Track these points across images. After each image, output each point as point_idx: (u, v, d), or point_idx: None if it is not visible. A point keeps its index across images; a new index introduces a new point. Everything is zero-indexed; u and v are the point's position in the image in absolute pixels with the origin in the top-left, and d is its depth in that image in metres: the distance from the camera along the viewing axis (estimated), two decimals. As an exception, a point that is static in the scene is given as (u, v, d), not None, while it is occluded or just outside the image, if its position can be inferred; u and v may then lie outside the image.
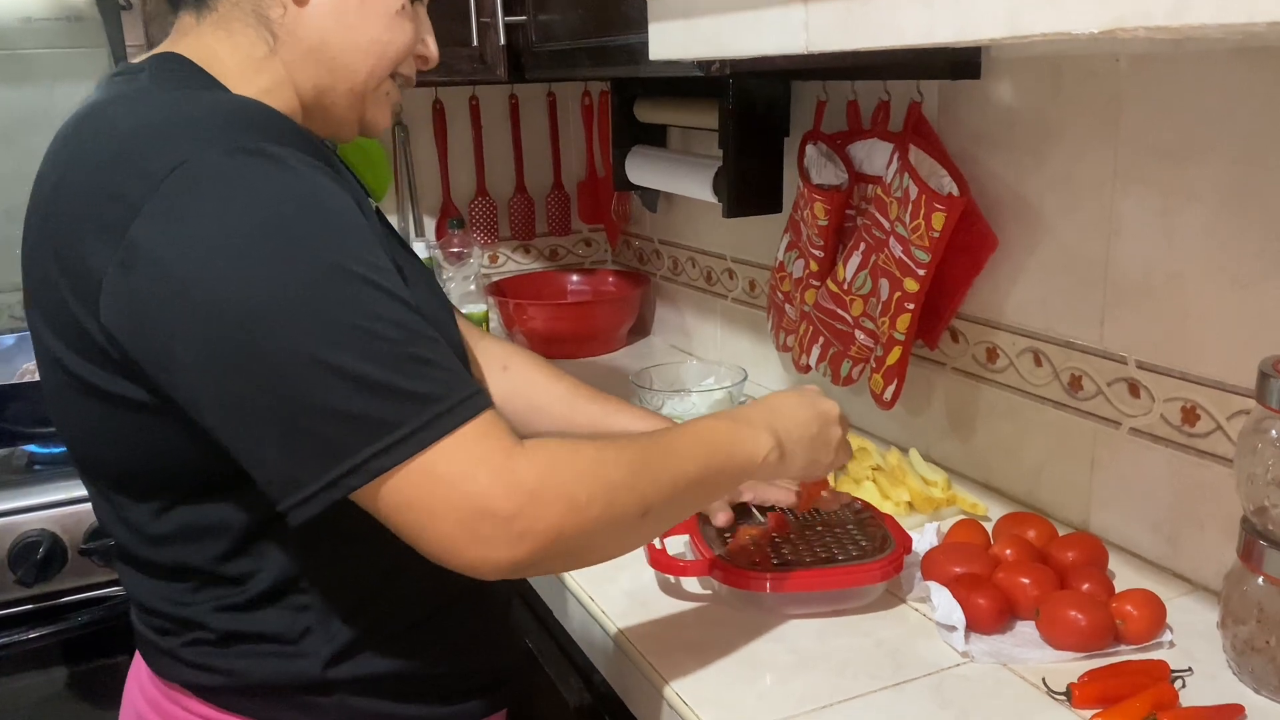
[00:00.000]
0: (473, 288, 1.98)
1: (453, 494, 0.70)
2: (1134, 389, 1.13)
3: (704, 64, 1.11)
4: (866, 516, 1.13)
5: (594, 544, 0.78)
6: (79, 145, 0.77)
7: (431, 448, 0.69)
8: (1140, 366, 1.12)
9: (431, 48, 0.92)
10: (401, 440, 0.68)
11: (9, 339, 1.75)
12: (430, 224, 2.15)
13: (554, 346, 2.01)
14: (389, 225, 0.96)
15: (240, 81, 0.82)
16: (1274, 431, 0.86)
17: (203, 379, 0.69)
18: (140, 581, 0.86)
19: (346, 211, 0.73)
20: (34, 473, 1.48)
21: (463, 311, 1.93)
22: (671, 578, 1.11)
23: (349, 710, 0.84)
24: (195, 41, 0.84)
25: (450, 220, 2.04)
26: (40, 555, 1.37)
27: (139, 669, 0.92)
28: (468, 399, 0.72)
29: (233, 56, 0.83)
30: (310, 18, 0.83)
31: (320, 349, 0.67)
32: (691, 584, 1.11)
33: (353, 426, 0.68)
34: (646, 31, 1.07)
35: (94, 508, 0.88)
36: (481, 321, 1.97)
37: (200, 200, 0.69)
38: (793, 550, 1.06)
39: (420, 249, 2.01)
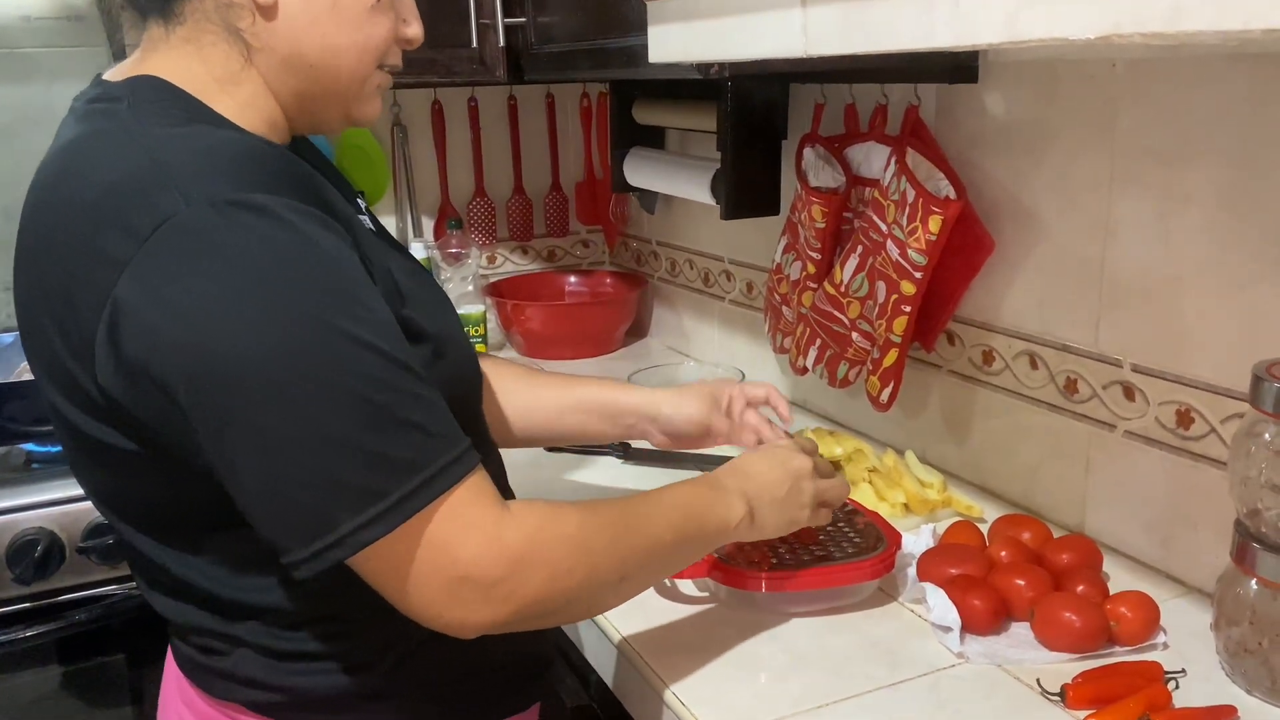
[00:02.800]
0: (470, 288, 1.99)
1: (439, 560, 0.70)
2: (1129, 392, 1.14)
3: (703, 67, 1.11)
4: (858, 516, 1.13)
5: (571, 608, 0.80)
6: (61, 189, 0.74)
7: (417, 515, 0.69)
8: (1135, 370, 1.13)
9: (414, 28, 0.87)
10: (388, 510, 0.68)
11: (7, 337, 1.75)
12: (428, 224, 2.16)
13: (551, 347, 2.01)
14: (384, 230, 0.95)
15: (220, 95, 0.79)
16: (1267, 435, 0.87)
17: (196, 438, 0.69)
18: (179, 611, 0.84)
19: (338, 262, 0.71)
20: (32, 471, 1.48)
21: (460, 312, 1.95)
22: (668, 580, 1.12)
23: (409, 713, 0.84)
24: (168, 57, 0.80)
25: (448, 221, 2.05)
26: (38, 553, 1.36)
27: (180, 683, 0.89)
28: (455, 461, 0.71)
29: (208, 71, 0.79)
30: (281, 28, 0.79)
31: (307, 416, 0.67)
32: (688, 585, 1.11)
33: (338, 496, 0.68)
34: (645, 34, 1.08)
35: (126, 551, 0.86)
36: (479, 322, 1.97)
37: (185, 260, 0.67)
38: (789, 550, 1.06)
39: (418, 249, 2.01)
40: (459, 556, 0.71)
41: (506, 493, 0.93)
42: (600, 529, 0.80)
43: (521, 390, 1.15)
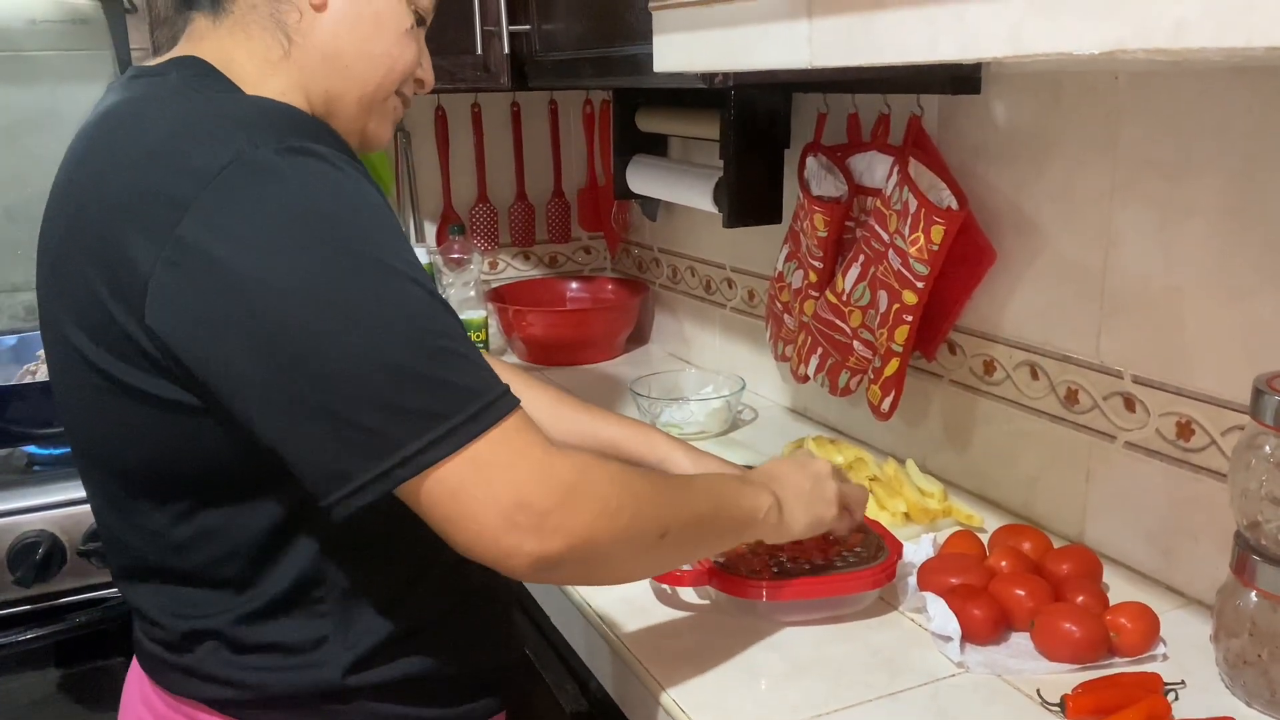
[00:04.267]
0: (472, 294, 1.99)
1: (495, 484, 0.72)
2: (1129, 403, 1.14)
3: (707, 76, 1.12)
4: (860, 525, 1.13)
5: (615, 555, 0.80)
6: (113, 143, 0.76)
7: (478, 439, 0.71)
8: (1136, 381, 1.13)
9: (429, 73, 0.95)
10: (450, 432, 0.70)
11: (9, 340, 1.75)
12: (431, 230, 2.16)
13: (553, 353, 2.02)
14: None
15: (256, 84, 0.83)
16: (1268, 447, 0.87)
17: (254, 374, 0.70)
18: (153, 595, 0.85)
19: (387, 211, 0.75)
20: (34, 473, 1.48)
21: (462, 317, 1.95)
22: (668, 586, 1.12)
23: (367, 715, 0.84)
24: (213, 45, 0.84)
25: (451, 226, 2.05)
26: (39, 556, 1.37)
27: (141, 685, 0.90)
28: (504, 395, 0.74)
29: (250, 59, 0.84)
30: (326, 25, 0.84)
31: (373, 344, 0.69)
32: (688, 591, 1.11)
33: (403, 419, 0.69)
34: (650, 43, 1.08)
35: (100, 520, 0.87)
36: (481, 328, 1.97)
37: (254, 197, 0.69)
38: (790, 558, 1.07)
39: (421, 254, 2.02)
40: (513, 480, 0.72)
41: None
42: (642, 480, 0.83)
43: (543, 415, 1.12)
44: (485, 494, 0.71)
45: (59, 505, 1.40)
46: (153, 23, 1.67)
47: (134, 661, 0.93)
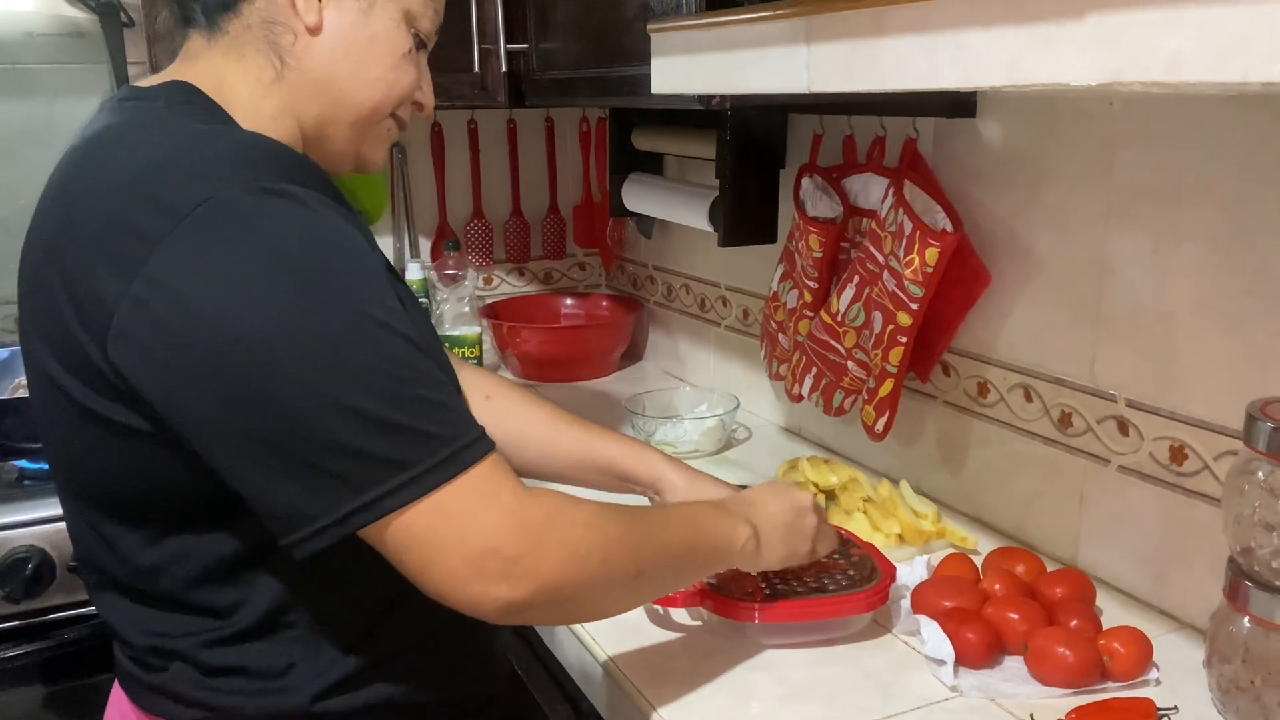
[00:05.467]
0: (467, 310, 1.99)
1: (462, 531, 0.71)
2: (1123, 427, 1.14)
3: (704, 98, 1.12)
4: (853, 547, 1.13)
5: (588, 597, 0.80)
6: (94, 171, 0.76)
7: (443, 487, 0.71)
8: (1130, 405, 1.13)
9: (429, 96, 0.94)
10: (414, 479, 0.70)
11: (2, 353, 1.75)
12: (426, 245, 2.16)
13: (547, 370, 2.02)
14: (385, 260, 0.98)
15: (248, 108, 0.83)
16: (1261, 474, 0.87)
17: (215, 414, 0.70)
18: (125, 613, 0.84)
19: (362, 253, 0.74)
20: (24, 488, 1.48)
21: (456, 333, 1.95)
22: (660, 608, 1.11)
23: None
24: (206, 66, 0.84)
25: (446, 242, 2.05)
26: (29, 571, 1.36)
27: (121, 704, 0.90)
28: (477, 440, 0.73)
29: (242, 81, 0.84)
30: (320, 48, 0.84)
31: (338, 389, 0.68)
32: (681, 612, 1.11)
33: (366, 464, 0.69)
34: (648, 63, 1.08)
35: (74, 537, 0.87)
36: (475, 344, 1.97)
37: (223, 238, 0.69)
38: (782, 581, 1.06)
39: (415, 270, 2.02)
40: (481, 528, 0.72)
41: None
42: (616, 520, 0.82)
43: (540, 431, 1.13)
44: (451, 541, 0.71)
45: (49, 520, 1.39)
46: (150, 38, 1.67)
47: (116, 683, 0.92)
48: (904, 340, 1.30)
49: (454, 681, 0.91)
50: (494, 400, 1.13)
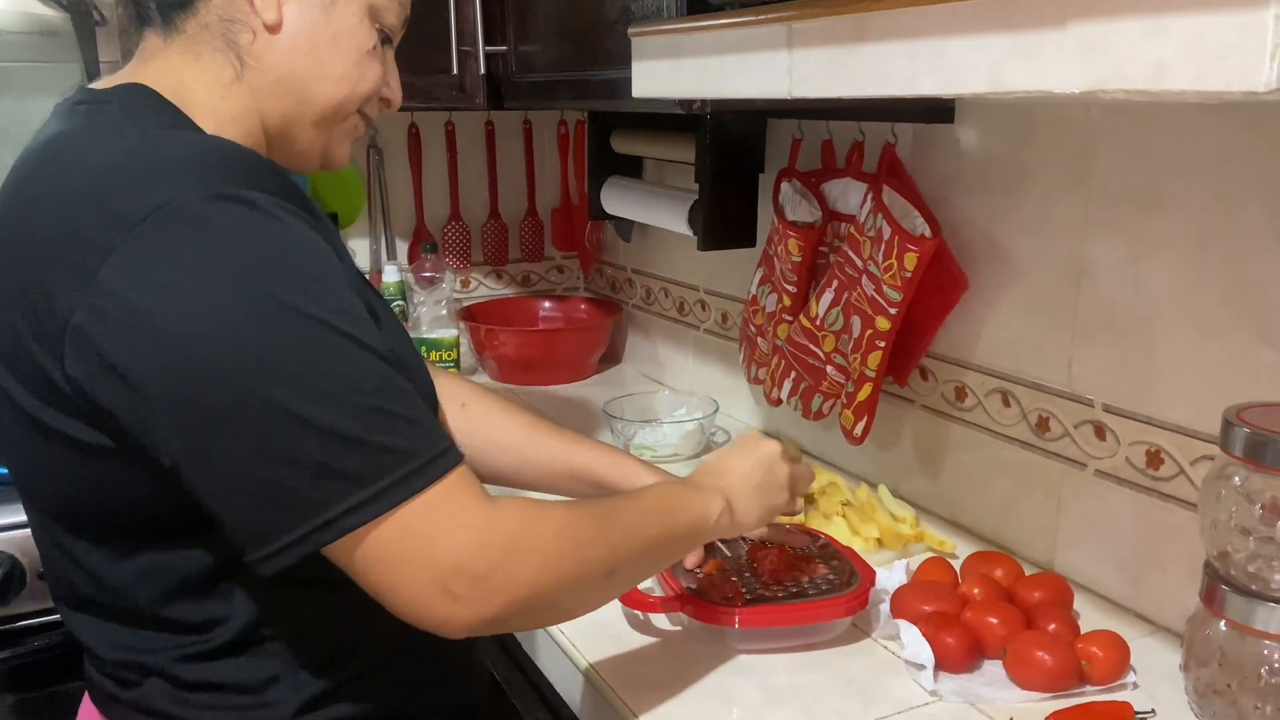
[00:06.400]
0: (444, 312, 1.98)
1: (427, 550, 0.70)
2: (1100, 431, 1.15)
3: (685, 102, 1.12)
4: (832, 551, 1.14)
5: (562, 601, 0.79)
6: (44, 180, 0.74)
7: (406, 504, 0.69)
8: (1107, 410, 1.14)
9: (396, 92, 0.91)
10: (375, 496, 0.68)
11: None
12: (403, 247, 2.15)
13: (525, 373, 2.01)
14: (354, 266, 0.95)
15: (207, 109, 0.81)
16: (1237, 478, 0.88)
17: (173, 427, 0.68)
18: (96, 629, 0.82)
19: (325, 260, 0.72)
20: (-7, 493, 1.45)
21: (433, 336, 1.94)
22: (640, 613, 1.11)
23: None
24: (163, 66, 0.82)
25: (423, 244, 2.04)
26: (-2, 578, 1.34)
27: (91, 716, 0.88)
28: (441, 454, 0.71)
29: (200, 82, 0.81)
30: (280, 47, 0.81)
31: (297, 402, 0.66)
32: (661, 618, 1.11)
33: (327, 480, 0.67)
34: (628, 67, 1.08)
35: (44, 555, 0.84)
36: (453, 347, 1.96)
37: (178, 245, 0.67)
38: (762, 585, 1.06)
39: (392, 272, 2.01)
40: (448, 546, 0.70)
41: None
42: (586, 520, 0.80)
43: (517, 439, 1.11)
44: (416, 560, 0.69)
45: (18, 527, 1.37)
46: (120, 29, 1.65)
47: (85, 698, 0.90)
48: (882, 345, 1.30)
49: (434, 691, 0.89)
50: (470, 408, 1.12)
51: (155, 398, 0.67)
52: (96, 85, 0.83)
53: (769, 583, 1.07)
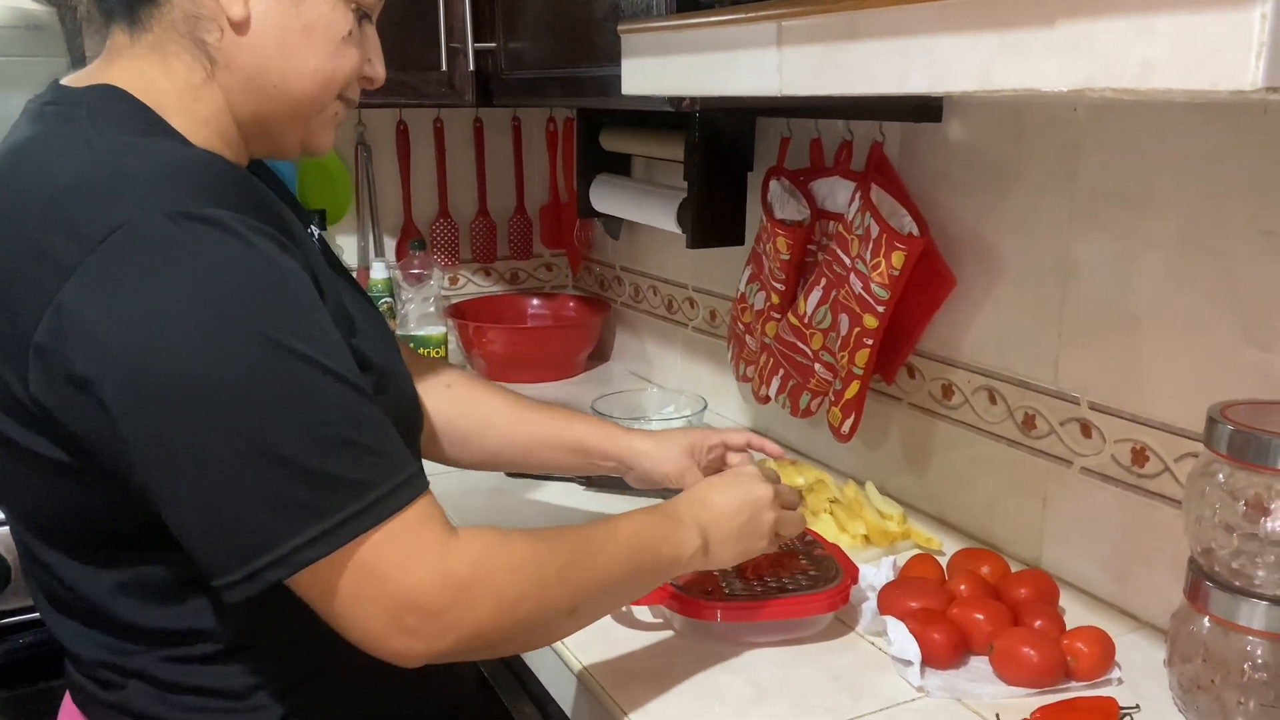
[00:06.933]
0: (432, 309, 1.97)
1: (383, 586, 0.69)
2: (1086, 429, 1.16)
3: (675, 99, 1.12)
4: (816, 548, 1.14)
5: (516, 638, 0.79)
6: (10, 192, 0.72)
7: (362, 538, 0.68)
8: (1092, 407, 1.15)
9: (378, 69, 0.87)
10: (330, 530, 0.67)
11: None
12: (391, 244, 2.14)
13: (513, 370, 2.01)
14: (338, 262, 0.94)
15: (180, 111, 0.78)
16: (1221, 476, 0.89)
17: (133, 454, 0.67)
18: (77, 632, 0.81)
19: (292, 282, 0.70)
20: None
21: (421, 333, 1.93)
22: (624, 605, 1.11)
23: None
24: (130, 66, 0.79)
25: (411, 241, 2.04)
26: (-19, 575, 1.33)
27: (72, 715, 0.87)
28: (403, 484, 0.71)
29: (170, 83, 0.79)
30: (250, 45, 0.79)
31: (255, 432, 0.66)
32: (644, 612, 1.11)
33: (282, 514, 0.66)
34: (618, 64, 1.08)
35: (21, 560, 0.83)
36: (441, 344, 1.96)
37: (138, 268, 0.65)
38: (744, 580, 1.07)
39: (380, 269, 2.00)
40: (403, 583, 0.70)
41: None
42: (550, 558, 0.79)
43: (505, 417, 1.11)
44: (371, 595, 0.69)
45: (2, 524, 1.36)
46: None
47: (66, 697, 0.89)
48: (870, 342, 1.30)
49: (423, 690, 0.89)
50: (455, 388, 1.12)
51: (113, 422, 0.66)
52: (68, 82, 0.80)
53: (751, 578, 1.07)
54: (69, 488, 0.73)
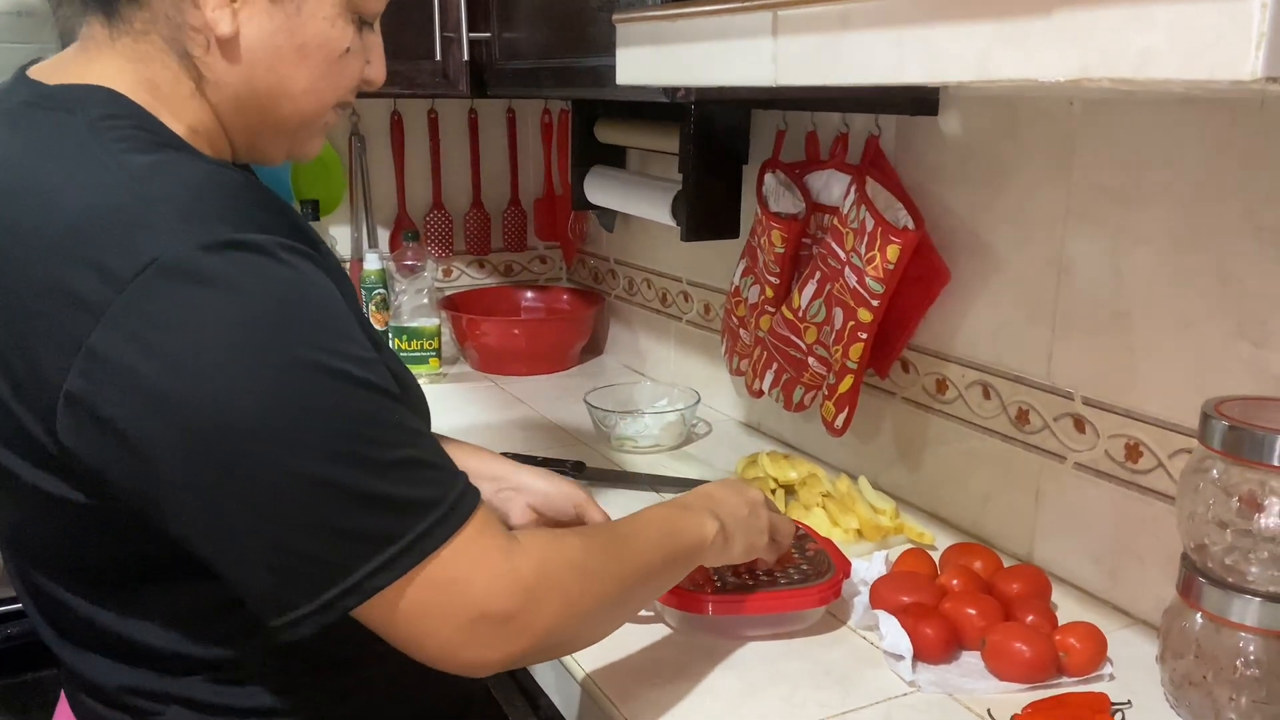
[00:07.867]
0: (425, 301, 1.97)
1: (453, 600, 0.68)
2: (1079, 424, 1.15)
3: (669, 90, 1.12)
4: (809, 542, 1.14)
5: (581, 634, 0.79)
6: (15, 217, 0.66)
7: (432, 556, 0.67)
8: (1086, 403, 1.14)
9: (377, 71, 0.83)
10: (400, 554, 0.66)
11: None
12: (384, 236, 2.14)
13: (506, 363, 2.00)
14: (350, 288, 0.93)
15: (168, 116, 0.74)
16: (1215, 471, 0.88)
17: (184, 498, 0.64)
18: (102, 666, 0.77)
19: (332, 303, 0.68)
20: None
21: (414, 325, 1.93)
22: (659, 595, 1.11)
23: None
24: (114, 65, 0.73)
25: (405, 232, 2.03)
26: (-31, 564, 1.32)
27: None
28: (462, 497, 0.70)
29: (159, 90, 0.74)
30: (239, 62, 0.74)
31: (314, 463, 0.63)
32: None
33: (349, 543, 0.65)
34: (612, 54, 1.07)
35: (30, 605, 0.80)
36: (434, 336, 1.95)
37: (174, 305, 0.62)
38: (735, 574, 1.06)
39: (373, 260, 2.00)
40: (473, 594, 0.69)
41: None
42: (598, 552, 0.79)
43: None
44: (443, 611, 0.68)
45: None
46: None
47: (62, 699, 0.86)
48: (864, 336, 1.30)
49: (443, 685, 0.88)
50: None
51: (163, 467, 0.63)
52: (39, 76, 0.74)
53: (743, 572, 1.07)
54: (83, 529, 0.71)
